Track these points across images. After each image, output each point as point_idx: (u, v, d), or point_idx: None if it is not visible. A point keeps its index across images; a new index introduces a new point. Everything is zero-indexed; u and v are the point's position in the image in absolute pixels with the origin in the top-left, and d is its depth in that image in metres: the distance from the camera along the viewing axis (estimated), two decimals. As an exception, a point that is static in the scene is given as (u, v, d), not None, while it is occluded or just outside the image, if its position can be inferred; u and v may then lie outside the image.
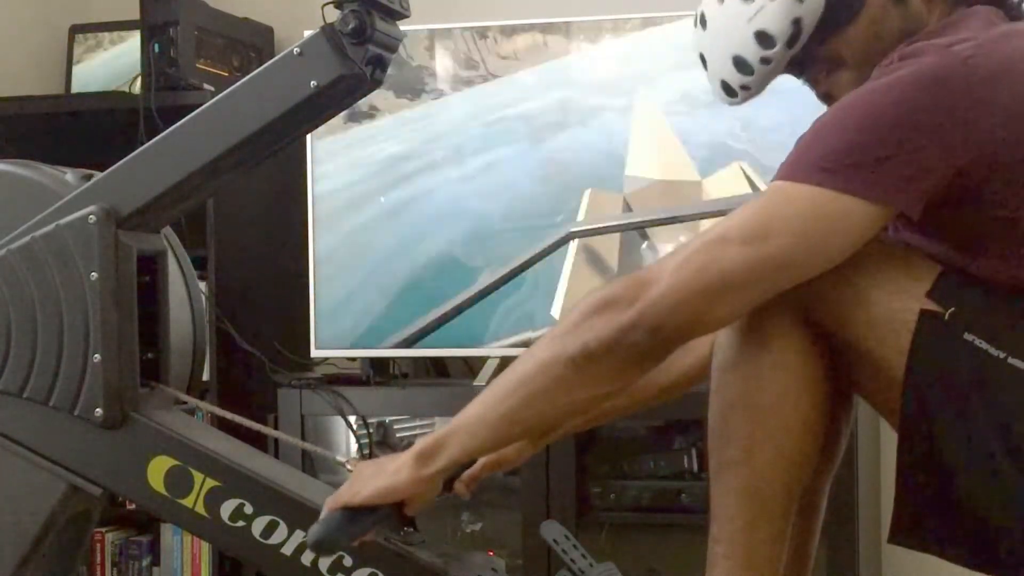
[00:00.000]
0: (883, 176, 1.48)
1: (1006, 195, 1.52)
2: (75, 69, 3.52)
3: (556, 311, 3.00)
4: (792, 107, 1.94)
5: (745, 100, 1.75)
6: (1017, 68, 1.51)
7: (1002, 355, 1.50)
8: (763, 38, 1.67)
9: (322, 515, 1.66)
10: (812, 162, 1.51)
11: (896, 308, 1.53)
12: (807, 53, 1.68)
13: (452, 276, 3.07)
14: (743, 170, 2.94)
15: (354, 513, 1.64)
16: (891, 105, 1.49)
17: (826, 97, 1.70)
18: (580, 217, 3.01)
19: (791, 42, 1.67)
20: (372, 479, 1.64)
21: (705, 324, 1.53)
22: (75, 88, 3.50)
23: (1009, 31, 1.57)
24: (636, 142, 3.02)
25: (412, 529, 1.84)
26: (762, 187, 2.86)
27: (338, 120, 3.01)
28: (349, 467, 1.80)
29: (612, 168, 3.02)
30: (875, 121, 1.49)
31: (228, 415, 1.98)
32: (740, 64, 1.70)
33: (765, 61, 1.69)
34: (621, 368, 1.55)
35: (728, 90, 1.74)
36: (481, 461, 1.83)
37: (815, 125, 1.55)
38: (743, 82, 1.72)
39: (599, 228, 3.02)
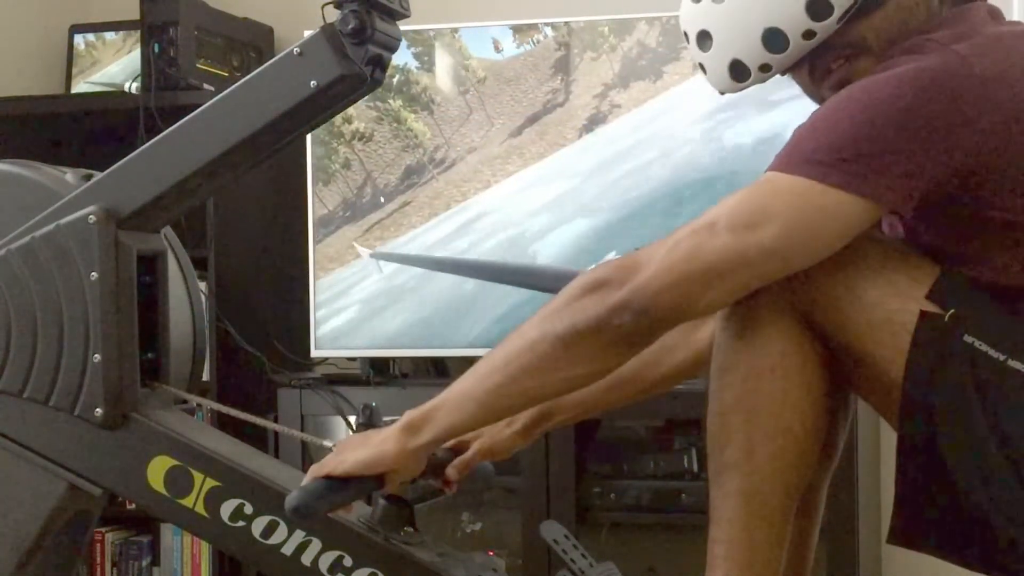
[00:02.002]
0: (875, 173, 1.48)
1: (1002, 196, 1.51)
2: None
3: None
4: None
5: (754, 84, 1.68)
6: (1015, 69, 1.51)
7: (1002, 357, 1.50)
8: (818, 6, 1.60)
9: (303, 482, 1.66)
10: (805, 154, 1.50)
11: (895, 310, 1.53)
12: (826, 39, 1.63)
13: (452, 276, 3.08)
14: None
15: (336, 483, 1.65)
16: (889, 102, 1.49)
17: (839, 85, 1.63)
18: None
19: (844, 15, 1.60)
20: (357, 449, 1.65)
21: (691, 309, 1.54)
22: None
23: (1008, 32, 1.57)
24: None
25: (412, 529, 1.84)
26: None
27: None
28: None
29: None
30: (871, 117, 1.49)
31: (227, 410, 1.97)
32: (773, 38, 1.62)
33: (809, 35, 1.61)
34: (607, 349, 1.56)
35: (739, 72, 1.66)
36: (474, 448, 1.84)
37: (812, 117, 1.55)
38: (766, 61, 1.64)
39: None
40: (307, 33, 1.79)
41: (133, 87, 3.27)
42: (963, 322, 1.51)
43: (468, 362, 3.20)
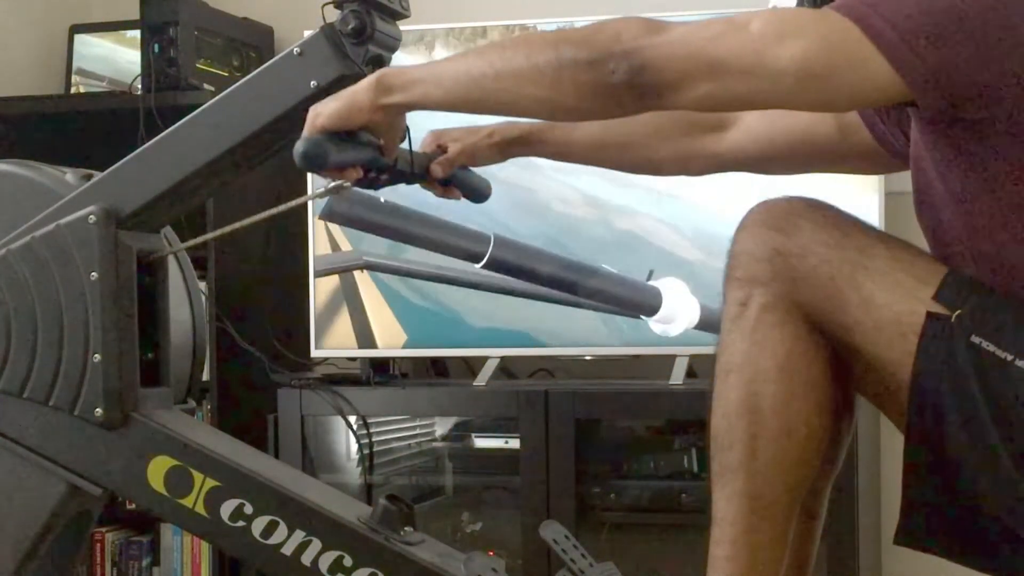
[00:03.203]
0: (914, 50, 1.46)
1: (1018, 141, 1.49)
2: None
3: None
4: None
5: None
6: None
7: (1009, 357, 1.49)
8: None
9: (302, 139, 1.68)
10: (862, 3, 1.48)
11: (902, 311, 1.53)
12: None
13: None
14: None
15: (334, 136, 1.67)
16: None
17: None
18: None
19: None
20: (331, 103, 1.67)
21: (684, 91, 1.51)
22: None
23: None
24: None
25: (412, 529, 1.84)
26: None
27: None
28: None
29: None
30: (940, 0, 1.47)
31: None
32: None
33: None
34: (591, 90, 1.54)
35: None
36: (455, 148, 1.85)
37: None
38: None
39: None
40: (307, 33, 1.79)
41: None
42: (970, 323, 1.51)
43: (468, 362, 3.24)
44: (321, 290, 3.11)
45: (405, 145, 1.80)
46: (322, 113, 1.67)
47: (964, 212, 1.56)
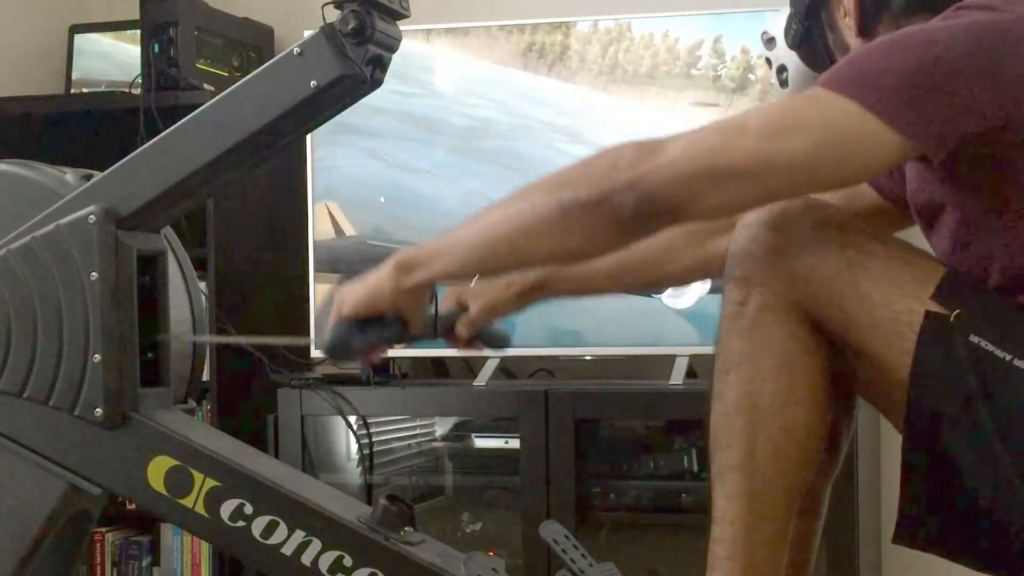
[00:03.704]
0: (916, 108, 1.46)
1: None
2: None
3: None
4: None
5: None
6: None
7: (1008, 357, 1.49)
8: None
9: (329, 325, 1.69)
10: (851, 76, 1.49)
11: (901, 310, 1.53)
12: None
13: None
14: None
15: (359, 323, 1.68)
16: (946, 44, 1.48)
17: None
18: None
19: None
20: (354, 290, 1.67)
21: (698, 207, 1.50)
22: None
23: None
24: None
25: (412, 529, 1.84)
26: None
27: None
28: None
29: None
30: (925, 54, 1.48)
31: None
32: None
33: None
34: (603, 227, 1.53)
35: None
36: (477, 305, 1.85)
37: (867, 46, 1.55)
38: None
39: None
40: (307, 33, 1.79)
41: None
42: (968, 322, 1.51)
43: (468, 362, 3.24)
44: (321, 290, 3.11)
45: (429, 308, 1.80)
46: (347, 300, 1.68)
47: (980, 231, 1.57)
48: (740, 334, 1.59)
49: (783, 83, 1.86)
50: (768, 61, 1.88)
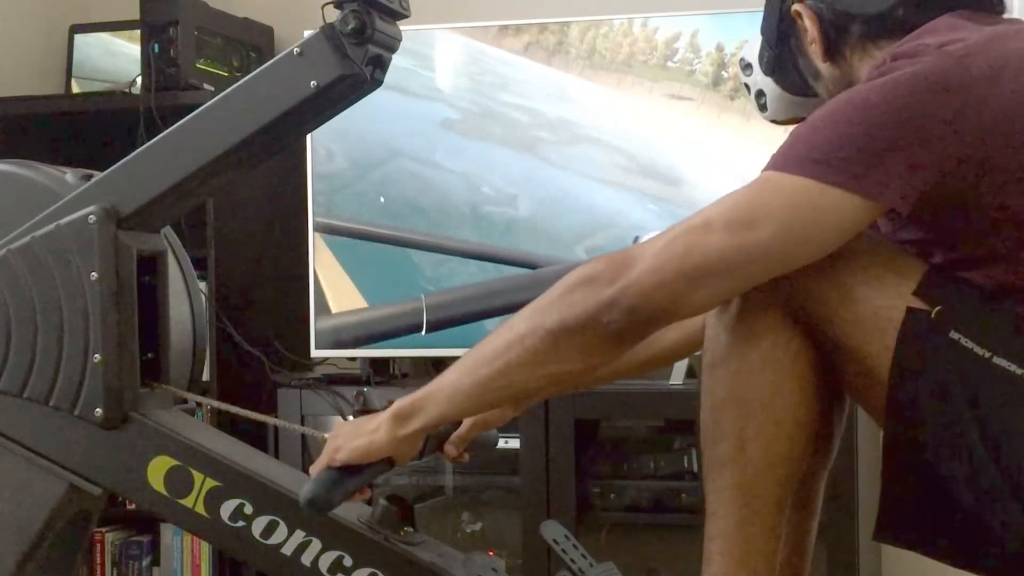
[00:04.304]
0: (873, 171, 1.48)
1: (999, 196, 1.51)
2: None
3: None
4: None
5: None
6: (1010, 67, 1.51)
7: (987, 354, 1.50)
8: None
9: (312, 476, 1.69)
10: (803, 154, 1.51)
11: (882, 305, 1.54)
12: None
13: (451, 273, 3.08)
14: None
15: (344, 471, 1.68)
16: (885, 103, 1.49)
17: None
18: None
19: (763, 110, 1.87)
20: (351, 439, 1.68)
21: (682, 308, 1.53)
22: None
23: (1000, 32, 1.57)
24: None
25: (412, 529, 1.84)
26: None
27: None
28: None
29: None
30: (868, 118, 1.49)
31: (227, 407, 1.98)
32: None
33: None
34: (596, 346, 1.56)
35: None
36: (468, 422, 1.86)
37: (810, 118, 1.56)
38: None
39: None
40: (307, 33, 1.79)
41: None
42: (949, 319, 1.51)
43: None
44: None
45: None
46: (343, 449, 1.68)
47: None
48: (726, 329, 1.60)
49: (762, 107, 1.88)
50: (747, 87, 1.89)
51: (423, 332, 3.06)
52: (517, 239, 3.05)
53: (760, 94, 1.86)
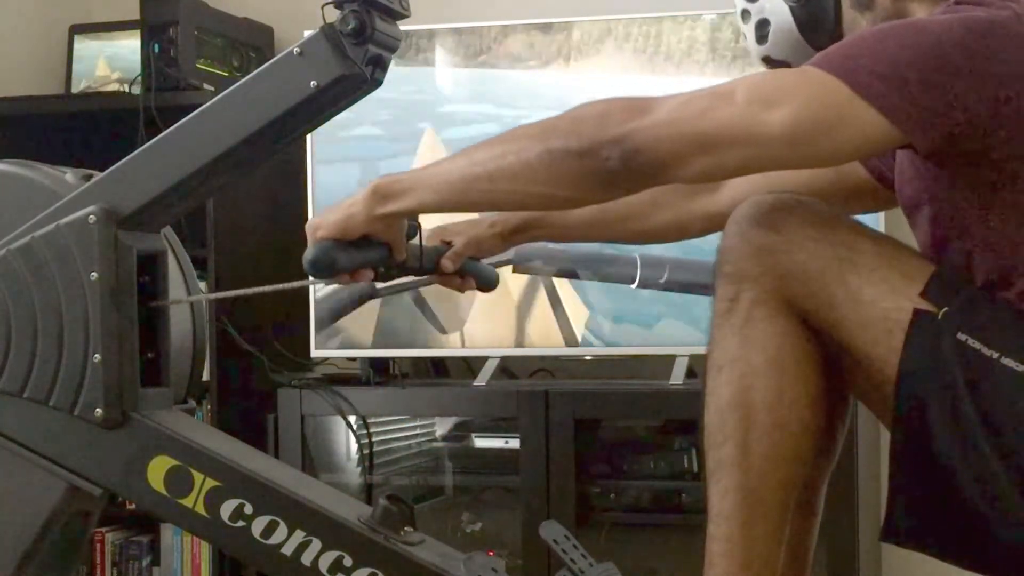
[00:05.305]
0: (905, 96, 1.47)
1: (1017, 161, 1.51)
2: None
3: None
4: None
5: None
6: None
7: (995, 355, 1.50)
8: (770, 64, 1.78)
9: (309, 247, 1.71)
10: (844, 59, 1.50)
11: (889, 307, 1.54)
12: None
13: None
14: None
15: (342, 243, 1.70)
16: (937, 38, 1.48)
17: None
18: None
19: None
20: (330, 214, 1.70)
21: (681, 169, 1.52)
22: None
23: None
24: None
25: (412, 529, 1.84)
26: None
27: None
28: None
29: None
30: (919, 46, 1.48)
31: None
32: None
33: None
34: (587, 179, 1.55)
35: None
36: (461, 241, 1.87)
37: (864, 31, 1.56)
38: None
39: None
40: (307, 33, 1.79)
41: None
42: (956, 320, 1.51)
43: (468, 362, 3.24)
44: (321, 289, 3.11)
45: (415, 240, 1.82)
46: (321, 226, 1.70)
47: (969, 227, 1.57)
48: (731, 331, 1.60)
49: (761, 39, 1.79)
50: (745, 13, 1.80)
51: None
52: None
53: (763, 23, 1.78)
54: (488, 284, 1.95)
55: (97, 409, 1.82)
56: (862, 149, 1.52)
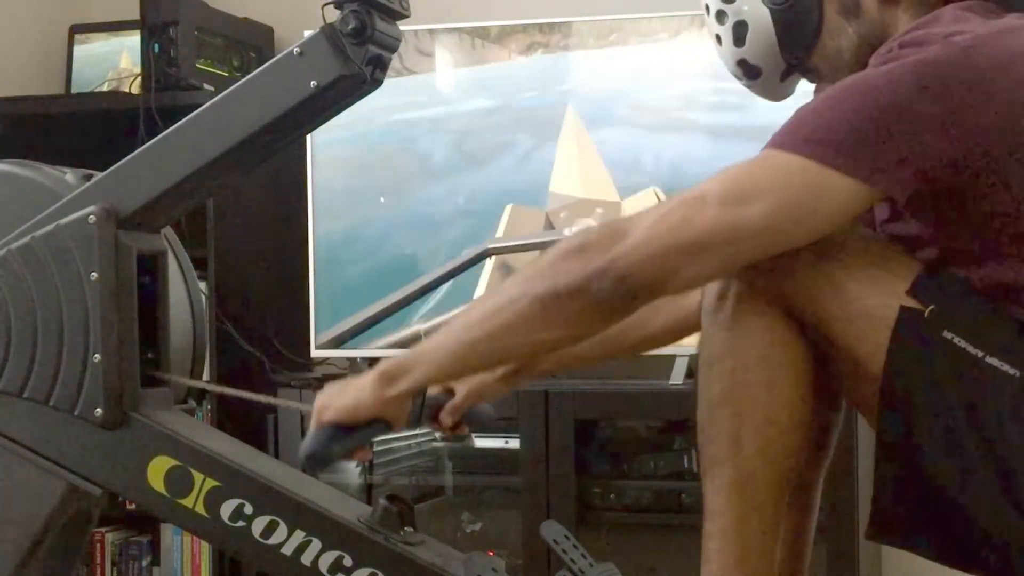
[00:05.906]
0: (873, 156, 1.48)
1: (998, 191, 1.51)
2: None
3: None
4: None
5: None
6: (1017, 63, 1.51)
7: (980, 354, 1.50)
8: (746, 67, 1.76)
9: (309, 432, 1.68)
10: (804, 134, 1.50)
11: (875, 304, 1.54)
12: (800, 63, 1.73)
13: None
14: (657, 194, 2.95)
15: (342, 428, 1.67)
16: (889, 90, 1.49)
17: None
18: (499, 233, 3.03)
19: (751, 76, 1.75)
20: (337, 398, 1.67)
21: (673, 282, 1.53)
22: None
23: (1009, 26, 1.57)
24: (560, 159, 3.02)
25: (412, 529, 1.84)
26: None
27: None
28: None
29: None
30: (872, 103, 1.49)
31: (230, 391, 1.98)
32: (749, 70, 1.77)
33: (748, 86, 1.78)
34: (585, 315, 1.55)
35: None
36: (462, 392, 1.84)
37: (814, 100, 1.56)
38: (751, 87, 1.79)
39: (517, 245, 3.03)
40: (307, 33, 1.79)
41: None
42: (943, 318, 1.51)
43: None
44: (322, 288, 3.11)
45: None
46: (329, 408, 1.67)
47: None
48: (721, 327, 1.60)
49: (737, 41, 1.74)
50: (721, 14, 1.75)
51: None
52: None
53: (741, 25, 1.74)
54: (485, 424, 1.94)
55: (97, 409, 1.82)
56: (844, 216, 1.53)
